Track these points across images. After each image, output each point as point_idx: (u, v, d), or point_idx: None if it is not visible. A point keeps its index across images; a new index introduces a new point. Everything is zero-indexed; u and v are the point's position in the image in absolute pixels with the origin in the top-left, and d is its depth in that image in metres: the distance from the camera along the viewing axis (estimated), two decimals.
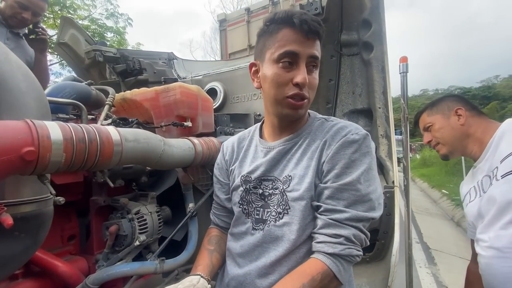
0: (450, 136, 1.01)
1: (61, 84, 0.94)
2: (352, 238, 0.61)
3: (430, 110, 1.09)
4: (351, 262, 0.62)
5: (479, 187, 0.93)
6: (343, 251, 0.60)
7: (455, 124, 1.01)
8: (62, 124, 0.59)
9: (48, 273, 0.84)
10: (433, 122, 1.06)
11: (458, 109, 1.01)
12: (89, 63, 2.45)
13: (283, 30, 0.65)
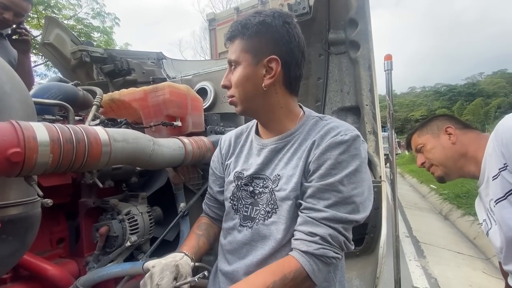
0: (442, 156, 0.97)
1: (46, 85, 0.93)
2: (327, 238, 0.59)
3: (420, 131, 1.07)
4: (326, 264, 0.60)
5: (490, 214, 0.88)
6: (317, 250, 0.58)
7: (446, 144, 0.97)
8: (49, 125, 0.59)
9: (37, 277, 0.82)
10: (424, 142, 1.03)
11: (447, 128, 0.98)
12: (75, 64, 2.40)
13: None
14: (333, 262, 0.61)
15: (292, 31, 0.66)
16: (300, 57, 0.68)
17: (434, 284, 2.79)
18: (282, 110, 0.71)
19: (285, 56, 0.66)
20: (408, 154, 17.45)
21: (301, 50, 0.68)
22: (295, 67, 0.68)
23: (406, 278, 2.89)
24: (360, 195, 0.62)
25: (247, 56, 0.66)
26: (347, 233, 0.62)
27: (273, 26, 0.64)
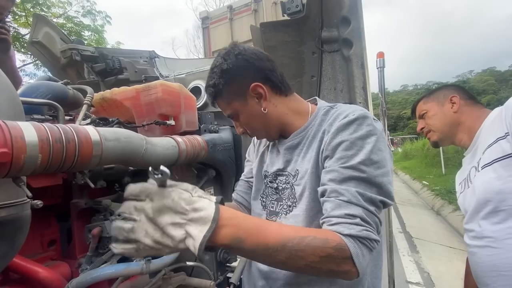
0: (441, 122, 1.01)
1: (35, 83, 0.90)
2: (367, 218, 0.54)
3: (427, 98, 1.09)
4: (369, 248, 0.54)
5: (468, 179, 0.94)
6: (361, 232, 0.52)
7: (448, 111, 1.00)
8: (37, 124, 0.57)
9: (28, 280, 0.81)
10: (427, 109, 1.06)
11: (452, 97, 1.00)
12: (65, 63, 2.35)
13: None
14: (375, 247, 0.55)
15: (246, 55, 0.68)
16: (268, 64, 0.70)
17: (427, 279, 2.84)
18: (289, 115, 0.73)
19: (259, 75, 0.69)
20: (401, 151, 17.70)
21: (265, 58, 0.71)
22: (272, 73, 0.70)
23: (399, 273, 2.94)
24: (385, 175, 0.58)
25: (236, 104, 0.71)
26: (380, 217, 0.57)
27: (232, 66, 0.68)
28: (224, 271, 1.34)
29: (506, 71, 40.59)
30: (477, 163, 0.87)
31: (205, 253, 0.51)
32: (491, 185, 0.80)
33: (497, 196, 0.78)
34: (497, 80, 37.94)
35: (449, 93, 1.03)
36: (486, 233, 0.82)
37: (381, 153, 0.58)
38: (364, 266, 0.53)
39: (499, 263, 0.80)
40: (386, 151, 0.60)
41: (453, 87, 1.07)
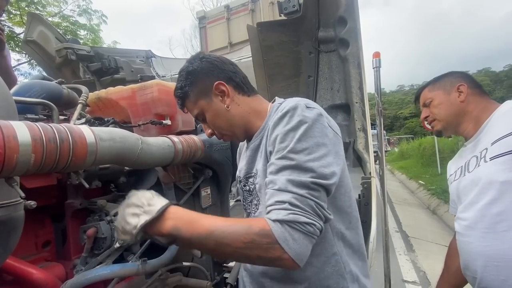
0: (447, 112, 0.98)
1: (28, 83, 0.89)
2: (295, 202, 0.55)
3: (432, 85, 1.04)
4: (303, 232, 0.54)
5: (465, 167, 0.93)
6: (287, 216, 0.54)
7: (454, 100, 0.97)
8: (30, 124, 0.56)
9: (21, 281, 0.80)
10: (433, 97, 1.02)
11: (460, 86, 0.96)
12: (60, 62, 2.34)
13: None
14: (311, 230, 0.54)
15: (209, 59, 0.74)
16: (231, 67, 0.75)
17: (423, 277, 2.85)
18: (251, 115, 0.75)
19: (222, 75, 0.73)
20: (397, 151, 17.81)
21: (227, 62, 0.76)
22: (235, 75, 0.75)
23: (396, 272, 2.96)
24: (317, 160, 0.58)
25: (202, 102, 0.74)
26: (317, 199, 0.56)
27: (195, 69, 0.73)
28: (221, 271, 1.33)
29: (501, 72, 41.05)
30: (480, 153, 0.86)
31: (144, 236, 0.60)
32: (498, 175, 0.79)
33: (502, 187, 0.79)
34: (492, 80, 38.33)
35: (456, 81, 0.99)
36: (485, 223, 0.82)
37: (312, 139, 0.59)
38: (300, 251, 0.54)
39: (493, 254, 0.80)
40: (320, 136, 0.60)
41: (459, 74, 1.02)
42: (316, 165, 0.57)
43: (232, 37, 4.28)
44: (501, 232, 0.79)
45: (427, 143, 10.72)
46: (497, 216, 0.80)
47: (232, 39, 4.26)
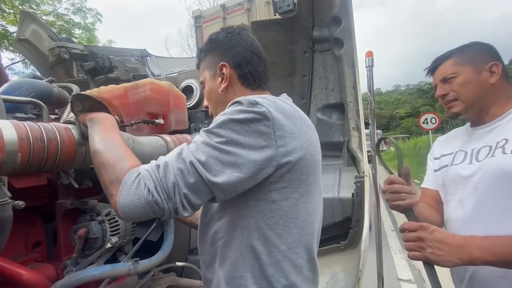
0: (475, 94, 0.83)
1: (18, 81, 0.88)
2: (162, 169, 0.53)
3: (459, 58, 0.86)
4: (140, 195, 0.51)
5: (471, 155, 0.83)
6: (145, 172, 0.53)
7: (485, 82, 0.82)
8: (17, 123, 0.56)
9: (11, 283, 0.79)
10: (458, 73, 0.84)
11: (494, 65, 0.82)
12: (53, 61, 2.30)
13: None
14: (148, 199, 0.51)
15: (235, 38, 0.70)
16: (250, 55, 0.70)
17: (417, 276, 2.88)
18: None
19: (233, 59, 0.69)
20: (393, 151, 17.92)
21: (250, 49, 0.70)
22: (247, 64, 0.70)
23: (391, 270, 2.97)
24: (217, 151, 0.53)
25: (206, 74, 0.73)
26: (183, 181, 0.52)
27: (217, 39, 0.71)
28: None
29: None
30: (497, 143, 0.77)
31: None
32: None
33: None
34: None
35: (488, 58, 0.83)
36: (491, 217, 0.75)
37: (230, 132, 0.54)
38: (125, 204, 0.52)
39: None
40: (242, 136, 0.54)
41: (490, 48, 0.86)
42: (209, 155, 0.52)
43: None
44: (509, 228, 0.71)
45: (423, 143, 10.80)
46: (505, 212, 0.72)
47: None
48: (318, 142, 0.66)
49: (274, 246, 0.58)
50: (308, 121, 0.66)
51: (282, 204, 0.58)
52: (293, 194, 0.59)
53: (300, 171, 0.58)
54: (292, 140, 0.57)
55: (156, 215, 0.54)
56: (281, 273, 0.58)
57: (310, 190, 0.62)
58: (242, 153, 0.52)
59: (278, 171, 0.55)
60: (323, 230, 1.21)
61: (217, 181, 0.51)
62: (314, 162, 0.62)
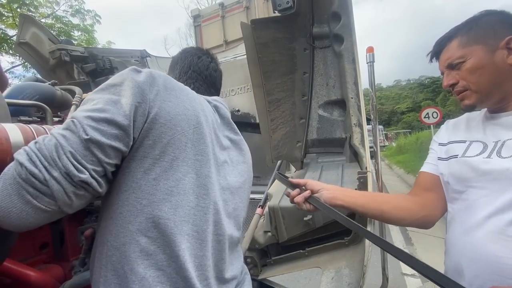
0: (490, 81, 0.66)
1: (21, 85, 0.88)
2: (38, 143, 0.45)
3: (466, 36, 0.68)
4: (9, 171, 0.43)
5: (495, 148, 0.66)
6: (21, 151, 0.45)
7: (501, 63, 0.64)
8: (22, 126, 0.56)
9: (20, 284, 0.80)
10: (467, 55, 0.67)
11: (510, 39, 0.63)
12: (54, 63, 2.32)
13: None
14: (17, 174, 0.42)
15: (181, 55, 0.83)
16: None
17: None
18: None
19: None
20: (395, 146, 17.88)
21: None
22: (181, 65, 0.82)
23: (395, 265, 2.98)
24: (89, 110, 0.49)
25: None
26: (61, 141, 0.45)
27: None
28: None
29: None
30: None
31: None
32: None
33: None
34: None
35: (503, 31, 0.64)
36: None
37: (104, 93, 0.53)
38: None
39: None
40: (113, 94, 0.51)
41: (505, 19, 0.67)
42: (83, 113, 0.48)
43: (227, 35, 4.27)
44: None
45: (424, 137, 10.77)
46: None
47: (227, 37, 4.25)
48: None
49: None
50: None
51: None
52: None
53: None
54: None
55: (44, 200, 0.42)
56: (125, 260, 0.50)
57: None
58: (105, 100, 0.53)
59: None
60: (327, 226, 1.22)
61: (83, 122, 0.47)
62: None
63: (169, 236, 0.52)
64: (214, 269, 0.61)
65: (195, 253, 0.56)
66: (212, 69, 0.82)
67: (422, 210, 0.80)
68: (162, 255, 0.52)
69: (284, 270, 1.27)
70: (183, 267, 0.53)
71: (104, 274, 0.51)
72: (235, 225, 0.70)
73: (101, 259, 0.52)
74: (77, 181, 0.44)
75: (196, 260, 0.56)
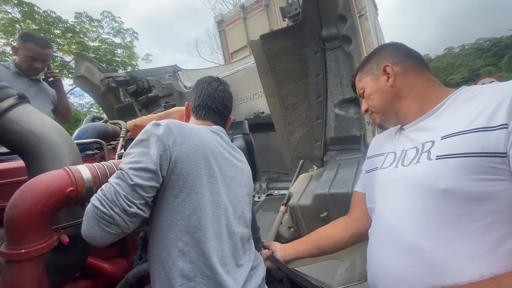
0: (380, 102, 0.79)
1: (83, 127, 1.18)
2: (104, 188, 0.68)
3: (361, 71, 0.86)
4: (93, 216, 0.64)
5: (400, 158, 0.72)
6: (94, 198, 0.66)
7: (384, 87, 0.77)
8: (90, 166, 0.80)
9: (99, 273, 1.09)
10: (363, 87, 0.84)
11: (385, 67, 0.77)
12: (104, 90, 2.74)
13: None
14: (94, 213, 0.64)
15: (199, 84, 1.02)
16: (200, 92, 1.00)
17: None
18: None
19: (191, 99, 1.02)
20: None
21: (201, 92, 1.00)
22: (196, 99, 0.99)
23: None
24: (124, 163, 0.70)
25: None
26: (120, 188, 0.65)
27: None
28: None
29: None
30: (423, 145, 0.66)
31: None
32: (440, 182, 0.59)
33: (440, 196, 0.59)
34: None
35: (381, 61, 0.79)
36: (408, 238, 0.64)
37: (137, 147, 0.72)
38: (86, 231, 0.64)
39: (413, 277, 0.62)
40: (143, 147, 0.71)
41: (387, 49, 0.81)
42: (122, 166, 0.69)
43: (250, 36, 4.41)
44: (427, 253, 0.59)
45: None
46: (426, 232, 0.60)
47: (250, 37, 4.39)
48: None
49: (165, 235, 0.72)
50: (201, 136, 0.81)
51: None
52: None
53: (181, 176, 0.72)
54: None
55: (113, 227, 0.64)
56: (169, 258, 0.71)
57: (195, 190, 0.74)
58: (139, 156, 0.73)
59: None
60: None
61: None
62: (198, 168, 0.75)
63: (197, 240, 0.72)
64: (231, 258, 0.80)
65: (216, 248, 0.76)
66: (220, 91, 1.00)
67: (349, 229, 0.92)
68: (193, 253, 0.72)
69: (307, 261, 1.41)
70: (209, 260, 0.72)
71: (156, 268, 0.74)
72: (244, 224, 0.89)
73: (154, 258, 0.76)
74: (130, 213, 0.65)
75: (218, 254, 0.75)
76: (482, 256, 0.54)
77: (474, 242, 0.55)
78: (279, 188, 2.60)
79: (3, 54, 8.39)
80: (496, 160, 0.54)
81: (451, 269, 0.56)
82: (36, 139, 0.82)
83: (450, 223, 0.57)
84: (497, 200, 0.54)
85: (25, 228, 0.67)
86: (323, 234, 1.00)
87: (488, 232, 0.54)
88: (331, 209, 1.33)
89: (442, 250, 0.58)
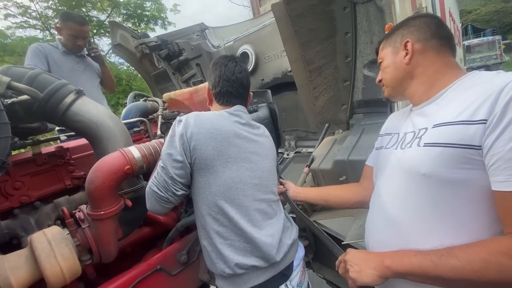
0: (392, 77, 0.80)
1: (128, 108, 1.37)
2: (157, 176, 0.90)
3: (386, 40, 0.84)
4: (154, 198, 0.89)
5: (401, 140, 0.77)
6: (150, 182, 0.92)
7: (400, 63, 0.77)
8: (139, 147, 1.00)
9: (156, 223, 1.40)
10: (383, 57, 0.84)
11: (406, 42, 0.76)
12: (140, 56, 2.89)
13: None
14: (154, 196, 0.88)
15: (217, 67, 1.06)
16: (216, 81, 1.06)
17: None
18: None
19: (211, 82, 1.09)
20: None
21: (226, 78, 1.05)
22: (218, 86, 1.07)
23: None
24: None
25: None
26: (166, 176, 0.87)
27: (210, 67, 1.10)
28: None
29: None
30: (419, 131, 0.70)
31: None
32: (420, 167, 0.65)
33: (422, 179, 0.65)
34: None
35: (406, 35, 0.77)
36: (394, 216, 0.74)
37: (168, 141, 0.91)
38: (149, 206, 0.92)
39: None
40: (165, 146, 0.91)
41: (416, 21, 0.77)
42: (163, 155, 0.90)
43: None
44: (404, 225, 0.70)
45: None
46: (406, 208, 0.70)
47: None
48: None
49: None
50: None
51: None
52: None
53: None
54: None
55: (168, 204, 0.89)
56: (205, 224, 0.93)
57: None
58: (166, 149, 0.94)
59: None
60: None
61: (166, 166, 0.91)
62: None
63: (224, 209, 0.91)
64: (262, 218, 0.97)
65: (243, 214, 0.94)
66: (237, 72, 1.05)
67: (357, 196, 1.03)
68: (224, 219, 0.91)
69: (328, 216, 1.59)
70: (237, 223, 0.91)
71: (201, 231, 0.97)
72: (271, 192, 1.04)
73: (198, 223, 0.99)
74: (179, 194, 0.90)
75: (246, 218, 0.94)
76: (449, 232, 0.63)
77: (444, 220, 0.64)
78: (307, 146, 2.69)
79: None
80: (472, 152, 0.59)
81: (420, 239, 0.67)
82: (95, 126, 1.02)
83: (428, 202, 0.66)
84: (469, 186, 0.60)
85: (101, 197, 0.91)
86: (334, 192, 1.15)
87: (458, 213, 0.62)
88: (350, 174, 1.42)
89: (416, 224, 0.68)
